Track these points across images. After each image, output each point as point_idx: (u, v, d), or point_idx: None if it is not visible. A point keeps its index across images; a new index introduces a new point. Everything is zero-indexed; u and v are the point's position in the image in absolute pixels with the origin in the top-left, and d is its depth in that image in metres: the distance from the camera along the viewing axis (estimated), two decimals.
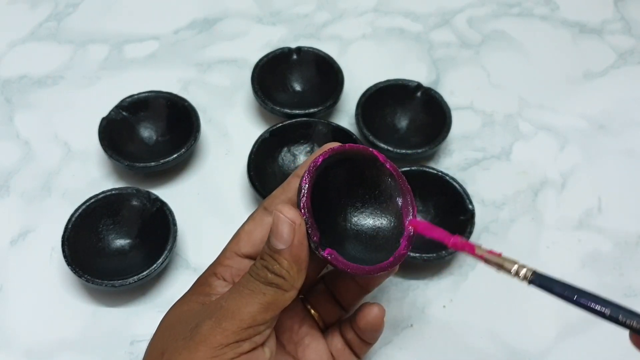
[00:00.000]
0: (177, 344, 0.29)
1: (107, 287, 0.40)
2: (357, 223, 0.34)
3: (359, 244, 0.33)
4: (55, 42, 0.59)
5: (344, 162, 0.33)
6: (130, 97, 0.49)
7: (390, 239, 0.33)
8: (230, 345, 0.29)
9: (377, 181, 0.34)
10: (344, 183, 0.34)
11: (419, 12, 0.63)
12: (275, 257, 0.29)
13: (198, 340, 0.29)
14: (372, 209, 0.34)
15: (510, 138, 0.53)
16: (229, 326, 0.29)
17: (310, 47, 0.54)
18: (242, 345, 0.29)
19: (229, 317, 0.29)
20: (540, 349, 0.41)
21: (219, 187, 0.49)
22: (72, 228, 0.42)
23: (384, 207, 0.34)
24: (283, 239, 0.29)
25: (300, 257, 0.29)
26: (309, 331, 0.35)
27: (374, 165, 0.33)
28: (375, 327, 0.33)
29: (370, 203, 0.34)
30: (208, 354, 0.28)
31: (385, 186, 0.34)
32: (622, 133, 0.53)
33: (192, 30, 0.60)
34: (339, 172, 0.33)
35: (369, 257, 0.32)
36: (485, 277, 0.44)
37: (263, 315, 0.29)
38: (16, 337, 0.41)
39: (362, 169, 0.33)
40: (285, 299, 0.30)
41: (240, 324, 0.29)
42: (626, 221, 0.48)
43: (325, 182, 0.32)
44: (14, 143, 0.51)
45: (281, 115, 0.50)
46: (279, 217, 0.29)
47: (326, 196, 0.33)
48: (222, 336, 0.29)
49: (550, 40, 0.61)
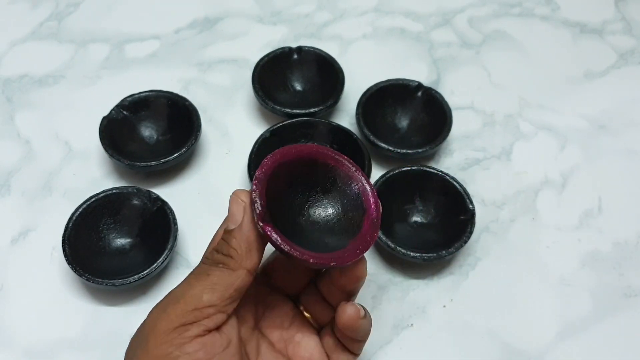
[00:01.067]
0: (135, 342, 0.30)
1: (107, 286, 0.40)
2: (316, 221, 0.34)
3: (320, 242, 0.33)
4: (56, 42, 0.59)
5: (297, 161, 0.33)
6: (131, 97, 0.49)
7: (353, 234, 0.33)
8: (177, 329, 0.29)
9: (331, 179, 0.34)
10: (300, 181, 0.34)
11: (419, 12, 0.63)
12: (225, 237, 0.31)
13: (147, 331, 0.29)
14: (331, 206, 0.34)
15: (511, 138, 0.53)
16: (172, 310, 0.29)
17: (311, 46, 0.54)
18: (190, 329, 0.29)
19: (173, 302, 0.30)
20: (540, 348, 0.41)
21: (219, 187, 0.49)
22: (72, 227, 0.42)
23: (344, 204, 0.34)
24: (234, 217, 0.31)
25: (249, 236, 0.30)
26: (300, 329, 0.35)
27: (317, 164, 0.34)
28: (352, 327, 0.32)
29: (328, 200, 0.34)
30: (158, 342, 0.28)
31: (341, 183, 0.34)
32: (623, 133, 0.53)
33: (193, 29, 0.60)
34: (293, 170, 0.33)
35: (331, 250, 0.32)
36: (485, 277, 0.44)
37: (209, 296, 0.29)
38: (17, 335, 0.41)
39: (315, 168, 0.34)
40: (233, 279, 0.30)
41: (184, 307, 0.29)
42: (626, 221, 0.48)
43: (281, 181, 0.33)
44: (15, 142, 0.51)
45: (282, 115, 0.50)
46: (232, 198, 0.31)
47: (283, 196, 0.33)
48: (166, 321, 0.29)
49: (551, 40, 0.61)
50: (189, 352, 0.29)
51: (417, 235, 0.45)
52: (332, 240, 0.33)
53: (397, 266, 0.44)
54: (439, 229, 0.45)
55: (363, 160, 0.46)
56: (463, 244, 0.42)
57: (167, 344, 0.28)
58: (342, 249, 0.32)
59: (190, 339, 0.29)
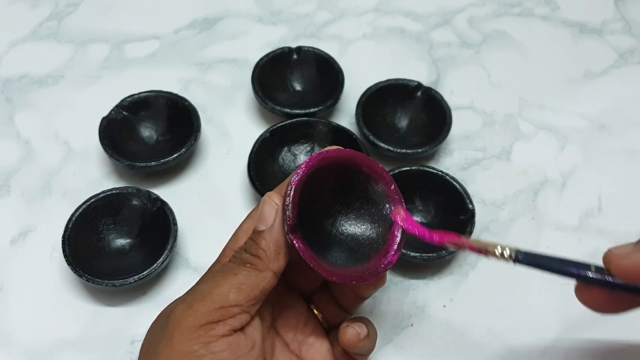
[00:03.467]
0: (157, 334, 0.30)
1: (107, 286, 0.40)
2: (343, 231, 0.34)
3: (345, 252, 0.33)
4: (56, 42, 0.59)
5: (332, 167, 0.33)
6: (131, 97, 0.49)
7: (376, 249, 0.33)
8: (203, 326, 0.28)
9: (364, 189, 0.34)
10: (333, 189, 0.34)
11: (419, 11, 0.63)
12: (255, 238, 0.31)
13: (172, 326, 0.29)
14: (360, 217, 0.34)
15: (511, 138, 0.53)
16: (199, 307, 0.29)
17: (311, 46, 0.54)
18: (216, 328, 0.29)
19: (199, 299, 0.29)
20: (540, 348, 0.41)
21: (219, 187, 0.49)
22: (72, 227, 0.42)
23: (372, 216, 0.34)
24: (265, 220, 0.31)
25: (279, 239, 0.30)
26: (314, 331, 0.35)
27: (361, 173, 0.33)
28: (353, 347, 0.33)
29: (357, 210, 0.34)
30: (183, 338, 0.28)
31: (373, 194, 0.34)
32: (623, 133, 0.53)
33: (193, 29, 0.60)
34: (327, 177, 0.33)
35: (353, 265, 0.32)
36: (485, 277, 0.44)
37: (235, 295, 0.29)
38: (16, 336, 0.41)
39: (350, 175, 0.34)
40: (259, 280, 0.30)
41: (210, 305, 0.29)
42: (626, 221, 0.48)
43: (315, 188, 0.32)
44: (15, 142, 0.51)
45: (281, 115, 0.50)
46: (265, 200, 0.31)
47: (315, 202, 0.33)
48: (193, 318, 0.29)
49: (551, 40, 0.61)
50: (215, 351, 0.28)
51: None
52: (357, 252, 0.33)
53: (397, 266, 0.44)
54: (439, 229, 0.45)
55: None
56: None
57: (193, 341, 0.28)
58: (364, 264, 0.32)
59: (217, 337, 0.29)
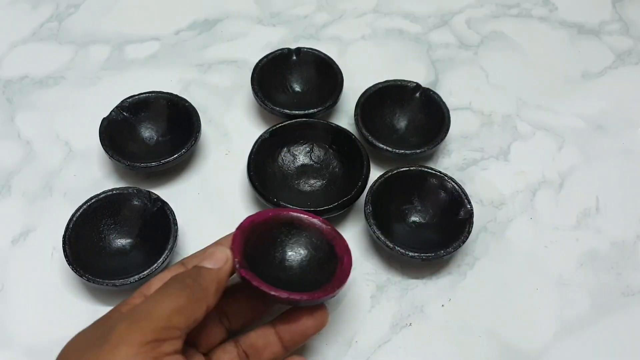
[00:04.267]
0: (89, 353, 0.29)
1: (108, 286, 0.40)
2: (289, 277, 0.38)
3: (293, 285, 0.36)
4: (57, 43, 0.59)
5: (269, 223, 0.39)
6: (131, 98, 0.50)
7: (324, 279, 0.37)
8: (150, 343, 0.29)
9: (303, 237, 0.40)
10: (274, 240, 0.39)
11: (418, 13, 0.63)
12: (202, 271, 0.33)
13: (115, 342, 0.29)
14: (301, 257, 0.39)
15: (509, 138, 0.53)
16: (146, 324, 0.29)
17: (310, 48, 0.54)
18: (163, 345, 0.29)
19: (145, 317, 0.30)
20: (538, 348, 0.41)
21: (219, 187, 0.49)
22: (73, 228, 0.42)
23: (310, 255, 0.39)
24: (217, 261, 0.34)
25: (222, 280, 0.33)
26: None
27: (293, 225, 0.40)
28: None
29: (298, 251, 0.40)
30: (130, 353, 0.28)
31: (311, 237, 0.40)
32: (620, 133, 0.54)
33: (193, 31, 0.60)
34: (267, 230, 0.39)
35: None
36: (483, 277, 0.44)
37: (178, 318, 0.30)
38: (17, 336, 0.41)
39: (287, 228, 0.40)
40: (196, 308, 0.32)
41: (157, 323, 0.30)
42: (624, 221, 0.48)
43: (260, 240, 0.38)
44: (16, 143, 0.51)
45: (281, 116, 0.50)
46: (219, 247, 0.35)
47: (260, 251, 0.38)
48: (140, 334, 0.29)
49: (549, 41, 0.61)
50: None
51: (415, 235, 0.45)
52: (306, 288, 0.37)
53: (396, 266, 0.45)
54: (437, 229, 0.45)
55: (362, 160, 0.46)
56: (461, 244, 0.42)
57: (141, 356, 0.28)
58: (312, 291, 0.36)
59: (164, 355, 0.29)
